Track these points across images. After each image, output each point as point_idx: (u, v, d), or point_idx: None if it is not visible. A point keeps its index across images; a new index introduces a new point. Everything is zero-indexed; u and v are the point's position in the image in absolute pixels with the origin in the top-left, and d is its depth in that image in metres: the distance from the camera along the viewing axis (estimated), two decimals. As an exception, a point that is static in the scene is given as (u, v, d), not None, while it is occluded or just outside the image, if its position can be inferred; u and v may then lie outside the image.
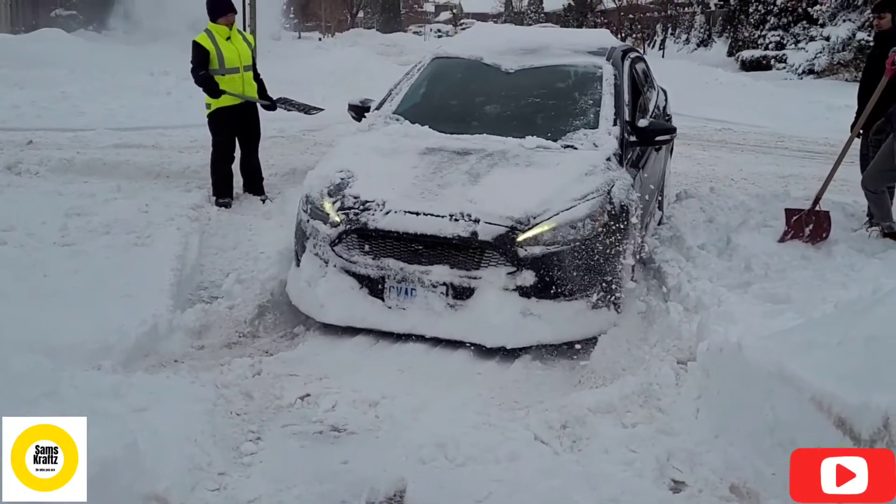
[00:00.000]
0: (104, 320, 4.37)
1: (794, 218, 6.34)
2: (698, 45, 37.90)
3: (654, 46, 40.29)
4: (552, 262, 4.54)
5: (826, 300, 4.71)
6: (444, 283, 4.58)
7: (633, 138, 5.61)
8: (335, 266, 4.79)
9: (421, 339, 4.62)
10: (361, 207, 4.75)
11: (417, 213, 4.62)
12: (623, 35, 41.05)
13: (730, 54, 32.83)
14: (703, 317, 4.53)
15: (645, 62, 7.47)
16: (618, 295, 4.81)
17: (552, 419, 3.73)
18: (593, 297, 4.67)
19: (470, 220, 4.55)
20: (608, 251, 4.71)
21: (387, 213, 4.66)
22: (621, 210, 4.84)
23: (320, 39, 43.81)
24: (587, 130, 5.46)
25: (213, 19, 7.28)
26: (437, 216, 4.59)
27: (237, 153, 7.58)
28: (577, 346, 4.62)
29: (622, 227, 4.81)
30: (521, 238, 4.53)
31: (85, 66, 16.03)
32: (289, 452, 3.47)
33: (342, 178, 5.02)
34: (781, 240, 6.30)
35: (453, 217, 4.56)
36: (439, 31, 63.34)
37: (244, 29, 7.66)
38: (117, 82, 14.40)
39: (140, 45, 20.56)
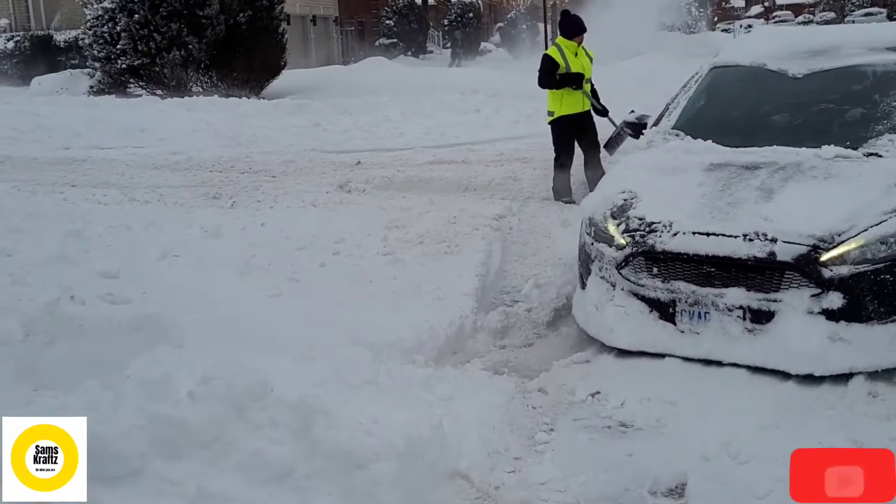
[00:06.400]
0: (418, 320, 4.89)
1: None
2: None
3: None
4: (862, 283, 4.16)
5: None
6: (741, 307, 4.32)
7: None
8: (622, 289, 4.69)
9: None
10: (647, 229, 4.63)
11: (707, 234, 4.42)
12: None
13: None
14: None
15: None
16: None
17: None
18: None
19: (766, 239, 4.28)
20: None
21: (674, 234, 4.51)
22: None
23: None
24: (894, 135, 5.01)
25: (569, 37, 8.23)
26: (730, 236, 4.37)
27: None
28: None
29: None
30: (825, 257, 4.20)
31: (403, 90, 17.43)
32: (578, 443, 3.73)
33: (625, 200, 4.91)
34: None
35: (747, 237, 4.32)
36: (749, 26, 60.42)
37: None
38: (431, 103, 15.52)
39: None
